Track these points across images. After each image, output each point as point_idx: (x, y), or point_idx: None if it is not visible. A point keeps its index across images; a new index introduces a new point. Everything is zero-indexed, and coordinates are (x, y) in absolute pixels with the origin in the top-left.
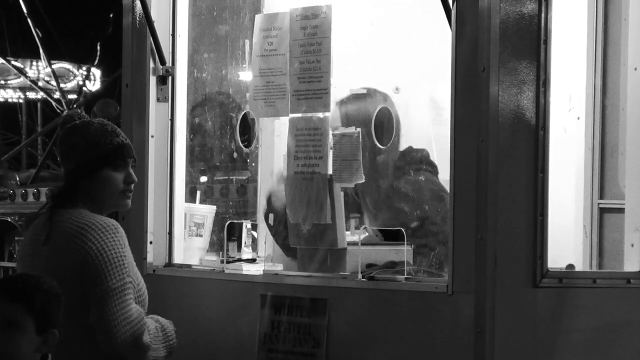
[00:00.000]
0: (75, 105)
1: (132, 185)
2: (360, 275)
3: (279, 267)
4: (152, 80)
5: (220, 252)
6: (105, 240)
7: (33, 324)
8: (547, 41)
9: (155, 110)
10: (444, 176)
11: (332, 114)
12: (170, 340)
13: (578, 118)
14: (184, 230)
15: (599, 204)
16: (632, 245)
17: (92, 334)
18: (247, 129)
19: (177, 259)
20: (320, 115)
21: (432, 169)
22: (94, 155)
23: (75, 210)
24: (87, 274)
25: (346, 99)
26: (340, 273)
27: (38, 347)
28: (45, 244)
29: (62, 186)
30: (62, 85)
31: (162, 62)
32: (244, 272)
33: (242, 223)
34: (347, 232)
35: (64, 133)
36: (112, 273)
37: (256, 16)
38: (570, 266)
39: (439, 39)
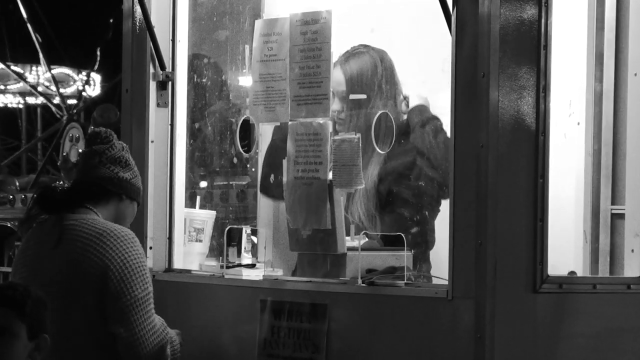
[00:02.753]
0: (75, 110)
1: None
2: (360, 281)
3: (279, 273)
4: (152, 85)
5: (220, 258)
6: (126, 249)
7: (25, 329)
8: (547, 47)
9: (155, 116)
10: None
11: (335, 78)
12: (175, 353)
13: (578, 123)
14: (184, 235)
15: (611, 209)
16: (632, 250)
17: (105, 342)
18: (247, 134)
19: (177, 264)
20: (320, 120)
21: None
22: (138, 186)
23: (88, 216)
24: (109, 284)
25: (344, 57)
26: (340, 278)
27: (31, 352)
28: (55, 247)
29: (91, 185)
30: (61, 90)
31: (162, 67)
32: (243, 278)
33: (242, 228)
34: (347, 238)
35: (122, 147)
36: (136, 284)
37: (256, 21)
38: (572, 273)
39: (438, 45)
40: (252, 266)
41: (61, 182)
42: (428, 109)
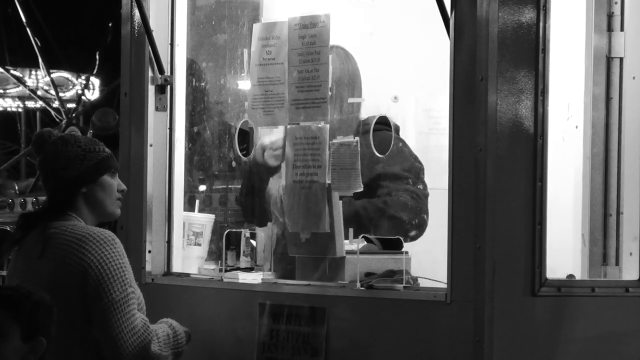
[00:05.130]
0: (74, 114)
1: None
2: (358, 284)
3: (276, 276)
4: (151, 89)
5: (219, 261)
6: (104, 252)
7: (19, 330)
8: (545, 50)
9: (153, 120)
10: (442, 184)
11: None
12: (179, 347)
13: (576, 127)
14: (183, 239)
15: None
16: (631, 253)
17: (95, 346)
18: (246, 137)
19: (176, 267)
20: (319, 124)
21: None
22: (95, 161)
23: (69, 222)
24: (89, 287)
25: None
26: (339, 282)
27: (24, 355)
28: (40, 257)
29: (55, 198)
30: (61, 94)
31: (161, 71)
32: (242, 281)
33: (241, 232)
34: (346, 241)
35: (55, 146)
36: (113, 286)
37: (255, 25)
38: (571, 276)
39: (437, 49)
40: (250, 269)
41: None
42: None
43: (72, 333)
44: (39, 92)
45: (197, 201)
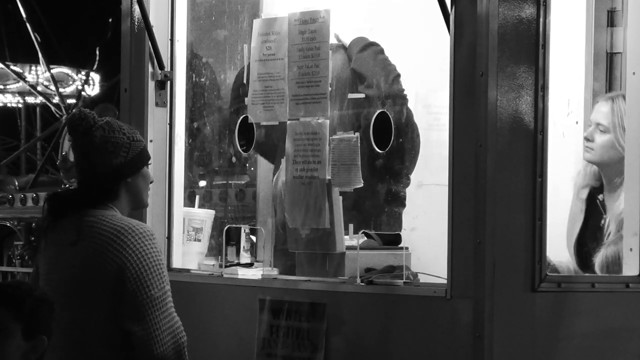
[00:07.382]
0: (74, 110)
1: None
2: (359, 280)
3: (277, 272)
4: (151, 85)
5: (219, 257)
6: (143, 246)
7: (20, 329)
8: (545, 46)
9: (153, 115)
10: (443, 180)
11: None
12: None
13: (576, 122)
14: (183, 234)
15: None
16: (631, 249)
17: (115, 341)
18: (246, 133)
19: (176, 263)
20: (319, 119)
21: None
22: (139, 150)
23: (107, 212)
24: (126, 283)
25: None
26: (339, 277)
27: (26, 353)
28: (74, 244)
29: (96, 185)
30: (61, 90)
31: (161, 66)
32: (242, 277)
33: (241, 228)
34: (346, 237)
35: (103, 132)
36: (152, 282)
37: (255, 21)
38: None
39: (437, 44)
40: (250, 265)
41: (67, 185)
42: (366, 38)
43: (95, 326)
44: (39, 88)
45: (197, 197)
